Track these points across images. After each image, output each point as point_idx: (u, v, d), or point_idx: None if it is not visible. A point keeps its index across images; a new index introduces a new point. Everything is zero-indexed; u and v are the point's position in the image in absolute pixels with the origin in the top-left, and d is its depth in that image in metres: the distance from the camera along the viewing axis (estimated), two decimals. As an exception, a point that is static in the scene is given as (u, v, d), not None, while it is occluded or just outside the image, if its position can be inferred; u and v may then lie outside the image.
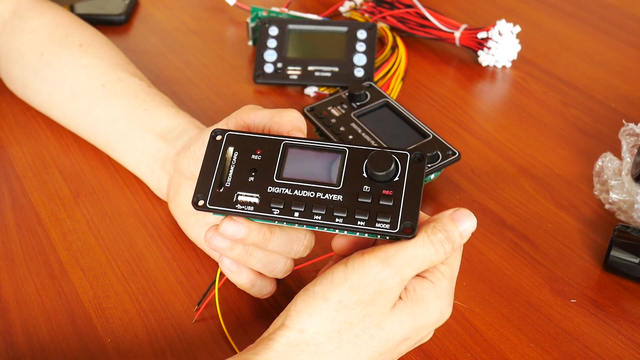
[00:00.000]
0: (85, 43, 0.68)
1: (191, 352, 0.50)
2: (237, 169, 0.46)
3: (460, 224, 0.43)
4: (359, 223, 0.43)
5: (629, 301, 0.54)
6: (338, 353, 0.41)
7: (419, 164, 0.44)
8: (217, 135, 0.47)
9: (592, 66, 0.81)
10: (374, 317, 0.41)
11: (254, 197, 0.45)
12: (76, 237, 0.59)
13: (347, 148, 0.45)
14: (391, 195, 0.43)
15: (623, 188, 0.58)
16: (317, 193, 0.44)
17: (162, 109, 0.62)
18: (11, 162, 0.66)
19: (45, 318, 0.52)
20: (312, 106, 0.67)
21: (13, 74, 0.71)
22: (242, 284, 0.49)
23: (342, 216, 0.43)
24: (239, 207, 0.45)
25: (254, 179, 0.45)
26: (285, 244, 0.48)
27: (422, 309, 0.42)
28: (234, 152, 0.46)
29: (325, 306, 0.41)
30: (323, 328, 0.41)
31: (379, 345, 0.42)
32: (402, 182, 0.44)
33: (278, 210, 0.44)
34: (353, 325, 0.41)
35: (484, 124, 0.73)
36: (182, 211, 0.56)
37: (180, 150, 0.57)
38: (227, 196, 0.45)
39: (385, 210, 0.43)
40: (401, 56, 0.80)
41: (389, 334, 0.41)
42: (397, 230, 0.42)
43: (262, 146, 0.46)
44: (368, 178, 0.44)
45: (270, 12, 0.85)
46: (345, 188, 0.44)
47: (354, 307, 0.41)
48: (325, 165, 0.45)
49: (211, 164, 0.46)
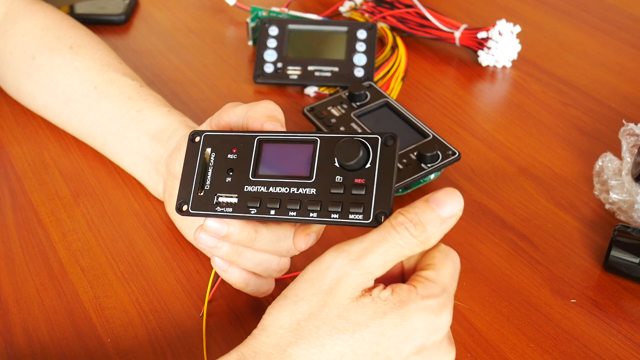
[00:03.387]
0: (75, 45, 0.68)
1: (191, 352, 0.50)
2: (215, 169, 0.46)
3: (437, 206, 0.39)
4: (332, 216, 0.42)
5: (629, 301, 0.54)
6: (300, 344, 0.38)
7: (390, 147, 0.42)
8: (196, 137, 0.47)
9: (592, 66, 0.81)
10: (332, 307, 0.38)
11: (233, 197, 0.45)
12: (76, 237, 0.59)
13: (319, 138, 0.44)
14: (363, 184, 0.41)
15: (623, 188, 0.58)
16: (290, 188, 0.44)
17: (155, 109, 0.62)
18: (11, 162, 0.66)
19: (45, 318, 0.52)
20: (312, 106, 0.67)
21: (7, 78, 0.71)
22: (236, 282, 0.49)
23: (315, 210, 0.42)
24: (218, 209, 0.45)
25: (231, 179, 0.45)
26: (272, 242, 0.47)
27: (403, 313, 0.38)
28: (211, 152, 0.46)
29: (284, 302, 0.40)
30: (282, 322, 0.39)
31: (349, 339, 0.38)
32: (373, 168, 0.42)
33: (255, 209, 0.44)
34: (313, 316, 0.39)
35: (484, 124, 0.73)
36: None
37: (171, 152, 0.56)
38: (207, 199, 0.45)
39: (358, 201, 0.41)
40: (401, 56, 0.80)
41: (355, 327, 0.38)
42: (370, 220, 0.40)
43: (237, 144, 0.46)
44: (340, 167, 0.42)
45: (270, 12, 0.85)
46: (318, 180, 0.43)
47: (311, 298, 0.39)
48: (298, 157, 0.44)
49: (191, 168, 0.46)
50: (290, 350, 0.38)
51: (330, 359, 0.38)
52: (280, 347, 0.38)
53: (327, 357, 0.38)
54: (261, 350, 0.39)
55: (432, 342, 0.39)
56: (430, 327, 0.39)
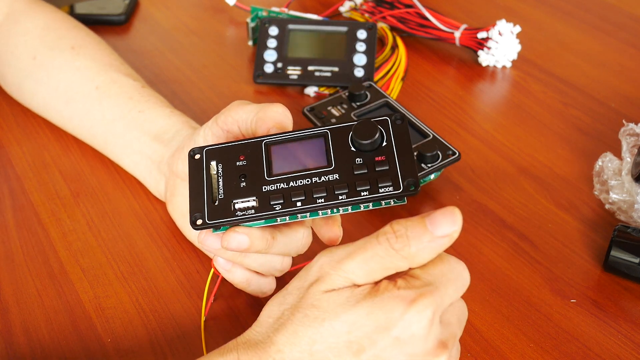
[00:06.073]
0: (77, 45, 0.68)
1: (191, 352, 0.50)
2: (225, 179, 0.45)
3: (431, 224, 0.38)
4: (362, 194, 0.42)
5: (629, 301, 0.54)
6: (280, 331, 0.39)
7: (401, 124, 0.44)
8: (196, 154, 0.46)
9: (592, 66, 0.81)
10: (308, 297, 0.39)
11: (251, 200, 0.44)
12: (76, 237, 0.59)
13: (328, 130, 0.45)
14: (385, 160, 0.43)
15: (623, 188, 0.58)
16: (312, 178, 0.44)
17: (156, 110, 0.62)
18: (11, 162, 0.66)
19: (45, 318, 0.52)
20: (312, 106, 0.68)
21: (8, 78, 0.71)
22: (238, 282, 0.49)
23: (344, 192, 0.43)
24: (239, 214, 0.44)
25: (245, 184, 0.45)
26: (285, 245, 0.48)
27: (375, 301, 0.37)
28: (217, 164, 0.46)
29: (277, 296, 0.41)
30: (272, 312, 0.41)
31: (318, 327, 0.38)
32: (390, 145, 0.44)
33: (279, 205, 0.43)
34: (293, 307, 0.40)
35: (484, 124, 0.73)
36: (180, 213, 0.56)
37: (174, 152, 0.56)
38: (224, 207, 0.44)
39: (384, 174, 0.43)
40: (401, 56, 0.80)
41: (325, 315, 0.38)
42: (401, 189, 0.42)
43: (243, 151, 0.46)
44: (357, 151, 0.44)
45: (270, 12, 0.85)
46: (338, 166, 0.44)
47: (294, 291, 0.40)
48: (311, 151, 0.45)
49: (198, 183, 0.45)
50: (273, 337, 0.39)
51: (302, 346, 0.38)
52: (266, 335, 0.40)
53: (300, 343, 0.39)
54: (252, 339, 0.40)
55: (409, 335, 0.37)
56: (406, 318, 0.37)
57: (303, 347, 0.38)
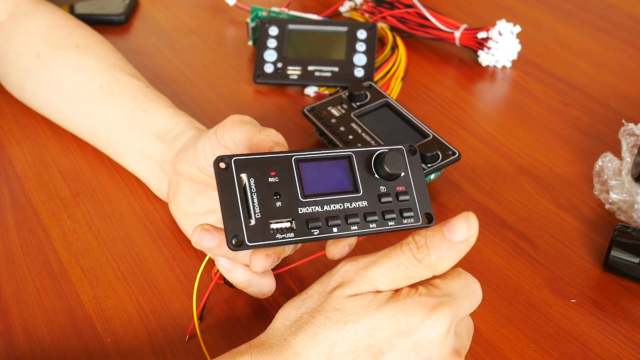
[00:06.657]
0: (81, 44, 0.68)
1: (191, 352, 0.50)
2: (260, 196, 0.43)
3: (448, 231, 0.39)
4: (389, 224, 0.45)
5: (629, 301, 0.54)
6: (298, 333, 0.40)
7: (414, 156, 0.47)
8: (221, 162, 0.43)
9: (592, 66, 0.81)
10: (330, 301, 0.40)
11: (287, 222, 0.43)
12: (76, 237, 0.59)
13: (352, 152, 0.46)
14: (405, 191, 0.46)
15: (623, 188, 0.58)
16: (344, 204, 0.45)
17: (160, 110, 0.62)
18: (11, 162, 0.66)
19: (45, 318, 0.52)
20: (312, 106, 0.67)
21: (10, 76, 0.71)
22: (239, 282, 0.49)
23: (375, 220, 0.45)
24: (279, 236, 0.43)
25: (281, 204, 0.43)
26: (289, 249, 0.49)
27: (398, 305, 0.39)
28: (248, 178, 0.43)
29: (295, 300, 0.42)
30: (289, 315, 0.41)
31: (340, 329, 0.39)
32: (407, 176, 0.46)
33: (317, 230, 0.43)
34: (313, 310, 0.40)
35: (484, 124, 0.73)
36: (182, 212, 0.56)
37: (178, 152, 0.56)
38: (262, 228, 0.43)
39: (407, 206, 0.46)
40: (401, 56, 0.80)
41: (348, 318, 0.39)
42: (420, 222, 0.45)
43: (274, 166, 0.44)
44: (379, 178, 0.46)
45: (270, 12, 0.85)
46: (366, 192, 0.45)
47: (315, 295, 0.41)
48: (337, 173, 0.46)
49: (231, 197, 0.43)
50: (290, 339, 0.40)
51: (321, 348, 0.39)
52: (283, 338, 0.40)
53: (319, 345, 0.39)
54: (267, 341, 0.41)
55: (427, 341, 0.39)
56: (427, 324, 0.39)
57: (322, 350, 0.39)
